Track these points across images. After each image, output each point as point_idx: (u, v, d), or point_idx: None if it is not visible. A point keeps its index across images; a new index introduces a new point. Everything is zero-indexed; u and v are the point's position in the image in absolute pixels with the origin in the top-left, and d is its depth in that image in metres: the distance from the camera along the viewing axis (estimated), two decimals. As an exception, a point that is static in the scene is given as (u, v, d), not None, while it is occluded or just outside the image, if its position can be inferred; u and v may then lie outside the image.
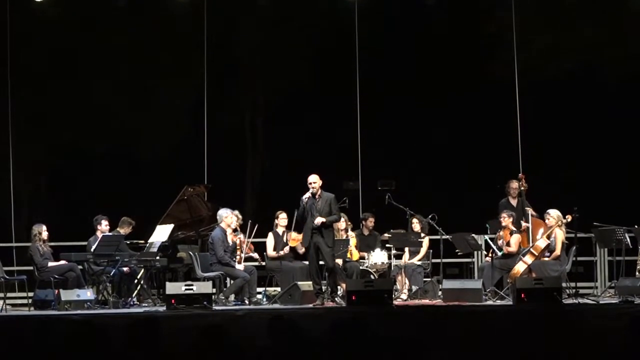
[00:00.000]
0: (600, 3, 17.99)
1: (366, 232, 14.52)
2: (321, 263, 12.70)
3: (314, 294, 12.54)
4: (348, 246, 14.00)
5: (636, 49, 17.76)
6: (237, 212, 13.83)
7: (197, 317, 11.20)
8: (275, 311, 12.08)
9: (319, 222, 12.37)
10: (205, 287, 12.25)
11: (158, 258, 13.39)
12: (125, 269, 13.30)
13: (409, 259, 14.20)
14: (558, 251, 13.20)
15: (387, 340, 5.67)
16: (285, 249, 13.88)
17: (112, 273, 13.06)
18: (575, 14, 18.02)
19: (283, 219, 13.98)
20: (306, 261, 13.13)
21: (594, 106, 18.23)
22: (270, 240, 14.00)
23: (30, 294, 13.06)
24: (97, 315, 11.55)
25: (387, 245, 14.28)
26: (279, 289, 13.70)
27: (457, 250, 14.24)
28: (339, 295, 12.82)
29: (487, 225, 14.45)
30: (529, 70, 17.19)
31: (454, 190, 18.20)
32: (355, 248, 14.16)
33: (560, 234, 13.22)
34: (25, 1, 16.87)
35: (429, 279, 14.13)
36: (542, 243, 13.21)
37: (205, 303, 11.91)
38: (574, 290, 12.96)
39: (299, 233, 13.32)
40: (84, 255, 13.31)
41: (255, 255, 14.03)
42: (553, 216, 13.28)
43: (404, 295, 13.82)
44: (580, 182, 17.65)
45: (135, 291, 13.50)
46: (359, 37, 17.04)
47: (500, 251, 13.49)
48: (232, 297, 13.35)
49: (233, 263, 13.29)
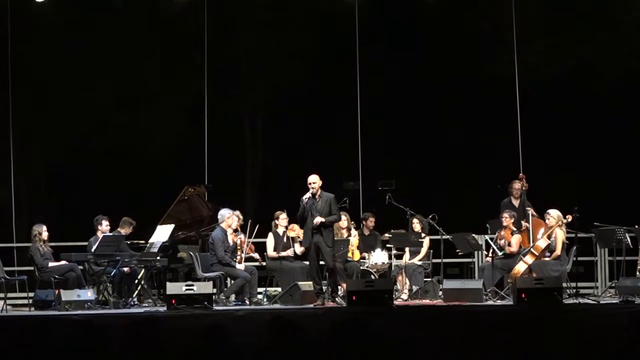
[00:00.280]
0: (600, 3, 18.00)
1: (366, 232, 14.52)
2: (321, 263, 12.70)
3: (314, 294, 12.54)
4: (349, 246, 14.00)
5: (636, 48, 17.76)
6: (238, 213, 13.83)
7: (198, 318, 11.20)
8: (276, 311, 12.07)
9: (318, 222, 12.36)
10: (206, 287, 12.25)
11: (159, 258, 13.40)
12: (125, 269, 13.31)
13: (410, 259, 14.20)
14: (558, 251, 13.20)
15: (388, 341, 5.67)
16: (288, 251, 13.86)
17: (113, 273, 13.07)
18: (575, 14, 18.03)
19: (283, 219, 13.97)
20: (306, 261, 13.13)
21: (594, 106, 18.23)
22: (270, 240, 14.00)
23: (31, 294, 13.06)
24: (98, 316, 11.54)
25: (388, 245, 14.28)
26: (279, 289, 13.70)
27: (458, 250, 14.24)
28: (340, 295, 12.82)
29: (488, 225, 14.45)
30: (529, 70, 17.19)
31: (455, 190, 18.21)
32: (357, 249, 14.16)
33: (560, 234, 13.22)
34: (26, 2, 16.88)
35: (430, 279, 14.13)
36: (543, 243, 13.21)
37: (205, 303, 11.91)
38: (574, 290, 12.97)
39: (300, 228, 13.39)
40: (84, 256, 13.31)
41: (255, 255, 14.03)
42: (553, 216, 13.28)
43: (405, 296, 13.82)
44: (580, 182, 17.65)
45: (136, 291, 13.51)
46: (359, 37, 17.04)
47: (500, 251, 13.49)
48: (233, 297, 13.35)
49: (233, 263, 13.29)
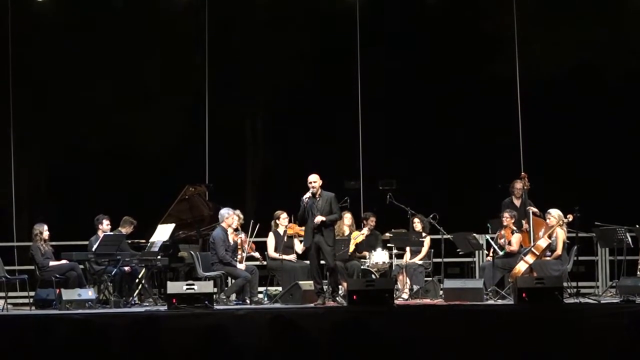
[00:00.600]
0: (600, 2, 17.99)
1: (367, 232, 14.50)
2: (322, 262, 12.70)
3: (315, 294, 12.54)
4: (349, 245, 14.00)
5: (636, 47, 17.75)
6: (239, 212, 13.83)
7: (198, 317, 11.20)
8: (276, 311, 12.08)
9: (319, 221, 12.37)
10: (207, 287, 12.25)
11: (159, 257, 13.41)
12: (126, 268, 13.31)
13: (410, 259, 14.19)
14: (559, 251, 13.20)
15: (388, 340, 5.67)
16: (291, 257, 13.84)
17: (114, 272, 13.08)
18: (576, 13, 18.02)
19: (284, 219, 13.97)
20: (307, 261, 13.14)
21: (595, 105, 18.22)
22: (270, 240, 13.99)
23: (32, 294, 13.07)
24: (98, 315, 11.55)
25: (389, 244, 14.28)
26: (280, 289, 13.71)
27: (458, 250, 14.23)
28: (340, 294, 12.82)
29: (488, 225, 14.45)
30: (529, 69, 17.19)
31: (455, 190, 18.20)
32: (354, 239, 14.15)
33: (561, 234, 13.22)
34: (26, 1, 16.89)
35: (430, 279, 14.13)
36: (544, 242, 13.20)
37: (206, 302, 11.91)
38: (575, 290, 12.96)
39: (299, 226, 13.39)
40: (85, 255, 13.32)
41: (256, 254, 14.03)
42: (554, 216, 13.28)
43: (405, 295, 13.82)
44: (581, 182, 17.64)
45: (137, 291, 13.52)
46: (360, 37, 17.04)
47: (501, 250, 13.49)
48: (233, 297, 13.36)
49: (234, 262, 13.29)
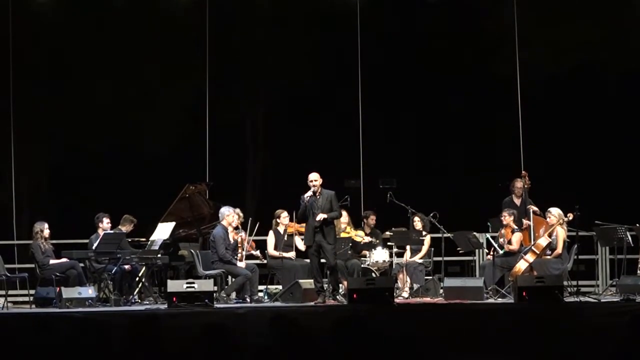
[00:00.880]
0: (601, 1, 17.99)
1: (367, 230, 14.52)
2: (322, 261, 12.70)
3: (315, 292, 12.54)
4: (349, 244, 14.00)
5: (637, 46, 17.74)
6: (239, 210, 13.82)
7: (199, 315, 11.20)
8: (277, 309, 12.09)
9: (321, 219, 12.36)
10: (207, 285, 12.24)
11: (159, 256, 13.40)
12: (126, 266, 13.32)
13: (411, 257, 14.19)
14: (559, 249, 13.20)
15: (389, 339, 5.67)
16: (290, 254, 13.85)
17: (114, 271, 13.08)
18: (576, 12, 18.01)
19: (285, 218, 13.96)
20: (307, 259, 13.14)
21: (595, 104, 18.21)
22: (270, 238, 13.99)
23: (32, 292, 13.07)
24: (99, 313, 11.56)
25: (389, 243, 14.28)
26: (280, 287, 13.71)
27: (459, 249, 14.23)
28: (341, 293, 12.82)
29: (489, 224, 14.44)
30: (530, 68, 17.18)
31: (456, 188, 18.18)
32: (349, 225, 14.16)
33: (561, 232, 13.22)
34: (27, 1, 16.88)
35: (431, 277, 14.14)
36: (544, 241, 13.20)
37: (206, 301, 11.90)
38: (575, 289, 12.97)
39: (298, 223, 13.41)
40: (85, 253, 13.32)
41: (256, 252, 14.03)
42: (554, 214, 13.28)
43: (405, 294, 13.82)
44: (581, 180, 17.63)
45: (137, 289, 13.52)
46: (360, 36, 17.03)
47: (501, 249, 13.49)
48: (234, 295, 13.35)
49: (234, 261, 13.29)
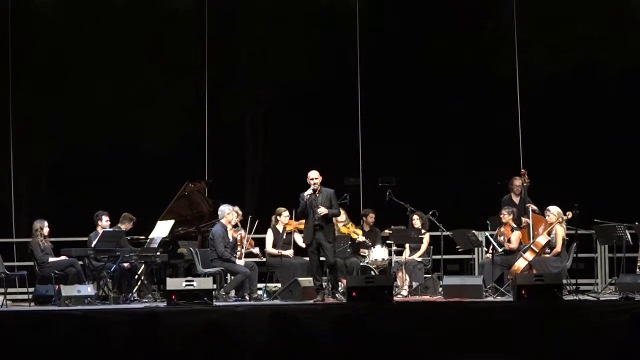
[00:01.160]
0: (601, 1, 17.99)
1: (367, 229, 14.51)
2: (322, 259, 12.70)
3: (314, 290, 12.54)
4: (349, 242, 14.00)
5: (636, 46, 17.74)
6: (238, 209, 13.82)
7: (198, 313, 11.20)
8: (276, 307, 12.08)
9: (323, 213, 12.36)
10: (206, 283, 12.24)
11: (159, 254, 13.41)
12: (126, 264, 13.32)
13: (410, 256, 14.19)
14: (559, 248, 13.20)
15: (388, 337, 5.67)
16: (288, 252, 13.85)
17: (113, 269, 13.08)
18: (576, 12, 18.01)
19: (285, 217, 13.95)
20: (307, 257, 13.14)
21: (595, 103, 18.21)
22: (269, 236, 13.99)
23: (31, 290, 13.07)
24: (98, 311, 11.56)
25: (388, 241, 14.28)
26: (279, 285, 13.71)
27: (458, 247, 14.23)
28: (340, 291, 12.82)
29: (488, 222, 14.43)
30: (529, 67, 17.18)
31: (455, 187, 18.18)
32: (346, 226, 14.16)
33: (561, 231, 13.22)
34: (27, 0, 16.88)
35: (430, 276, 14.13)
36: (543, 240, 13.21)
37: (205, 299, 11.90)
38: (574, 287, 12.97)
39: (296, 221, 13.42)
40: (84, 251, 13.32)
41: (255, 250, 14.03)
42: (554, 213, 13.28)
43: (405, 292, 13.83)
44: (581, 179, 17.63)
45: (136, 287, 13.52)
46: (360, 35, 17.02)
47: (501, 248, 13.49)
48: (233, 293, 13.36)
49: (234, 259, 13.29)
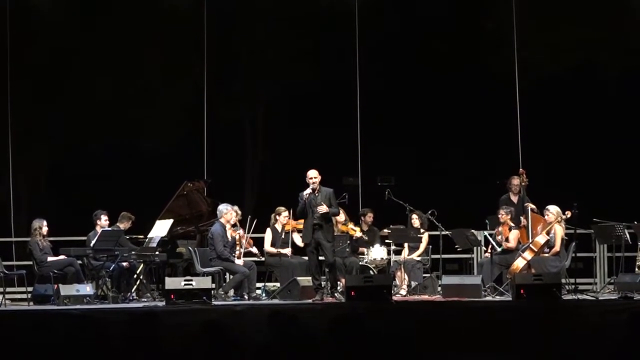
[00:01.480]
0: (600, 1, 17.99)
1: (365, 228, 14.51)
2: (321, 259, 12.70)
3: (313, 290, 12.54)
4: (348, 242, 14.00)
5: (636, 46, 17.75)
6: (237, 208, 13.83)
7: (197, 312, 11.21)
8: (275, 306, 12.08)
9: (323, 210, 12.35)
10: (205, 282, 12.25)
11: (157, 253, 13.41)
12: (124, 263, 13.32)
13: (408, 255, 14.19)
14: (557, 247, 13.20)
15: (386, 336, 5.67)
16: (286, 250, 13.85)
17: (112, 268, 13.08)
18: (575, 12, 18.02)
19: (285, 217, 13.95)
20: (305, 256, 13.14)
21: (594, 103, 18.23)
22: (268, 235, 13.99)
23: (30, 289, 13.07)
24: (97, 310, 11.56)
25: (387, 240, 14.28)
26: (278, 285, 13.71)
27: (457, 246, 14.23)
28: (339, 290, 12.82)
29: (487, 221, 14.44)
30: (529, 67, 17.18)
31: (454, 186, 18.19)
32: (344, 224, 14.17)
33: (559, 230, 13.22)
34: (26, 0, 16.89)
35: (429, 275, 14.13)
36: (542, 239, 13.21)
37: (204, 298, 11.91)
38: (573, 286, 12.97)
39: (295, 220, 13.43)
40: (83, 250, 13.33)
41: (254, 249, 14.03)
42: (552, 212, 13.28)
43: (403, 291, 13.83)
44: (579, 179, 17.64)
45: (135, 286, 13.52)
46: (359, 34, 17.02)
47: (499, 247, 13.50)
48: (232, 292, 13.36)
49: (232, 258, 13.29)
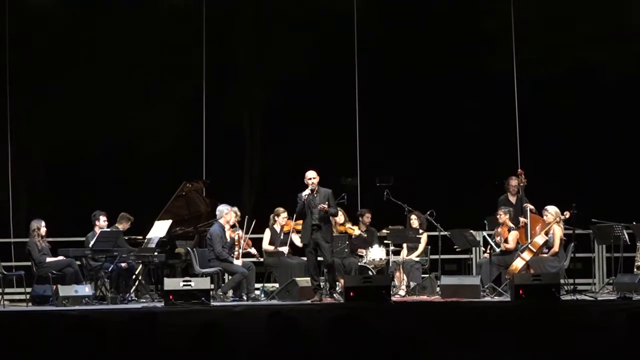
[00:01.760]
0: (600, 1, 17.99)
1: (363, 228, 14.50)
2: (320, 259, 12.69)
3: (311, 290, 12.54)
4: (346, 242, 14.00)
5: (635, 46, 17.76)
6: (236, 209, 13.83)
7: (195, 313, 11.21)
8: (273, 307, 12.08)
9: (322, 208, 12.35)
10: (203, 283, 12.25)
11: (156, 254, 13.40)
12: (123, 264, 13.31)
13: (407, 255, 14.19)
14: (556, 247, 13.20)
15: (385, 337, 5.67)
16: (284, 248, 13.85)
17: (110, 269, 13.07)
18: (574, 11, 18.02)
19: (284, 218, 13.95)
20: (304, 257, 13.13)
21: (593, 103, 18.23)
22: (266, 234, 14.01)
23: (28, 290, 13.07)
24: (95, 311, 11.55)
25: (386, 241, 14.27)
26: (277, 285, 13.71)
27: (456, 247, 14.23)
28: (337, 291, 12.82)
29: (486, 222, 14.45)
30: (527, 67, 17.19)
31: (453, 187, 18.20)
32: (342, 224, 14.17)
33: (558, 231, 13.22)
34: (25, 0, 16.89)
35: (427, 275, 14.13)
36: (540, 239, 13.21)
37: (203, 299, 11.90)
38: (572, 287, 12.97)
39: (294, 220, 13.43)
40: (82, 251, 13.32)
41: (252, 250, 14.03)
42: (551, 212, 13.28)
43: (402, 292, 13.82)
44: (578, 179, 17.65)
45: (133, 287, 13.52)
46: (358, 35, 17.03)
47: (498, 247, 13.49)
48: (230, 293, 13.36)
49: (231, 259, 13.29)
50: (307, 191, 12.50)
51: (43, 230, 13.21)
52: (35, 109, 18.19)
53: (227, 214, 13.43)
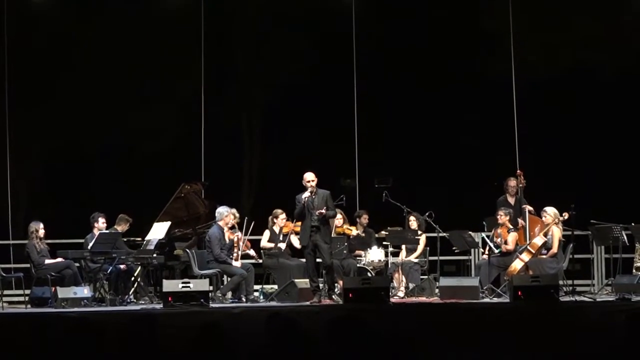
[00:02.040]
0: (599, 2, 17.99)
1: (361, 230, 14.49)
2: (318, 261, 12.70)
3: (311, 292, 12.54)
4: (345, 244, 14.00)
5: (634, 46, 17.75)
6: (235, 211, 13.83)
7: (194, 315, 11.20)
8: (272, 309, 12.08)
9: (320, 213, 12.35)
10: (202, 285, 12.24)
11: (155, 255, 13.39)
12: (122, 266, 13.30)
13: (406, 257, 14.18)
14: (555, 249, 13.20)
15: (384, 338, 5.66)
16: (281, 244, 13.85)
17: (109, 270, 13.06)
18: (573, 11, 18.02)
19: (282, 220, 13.95)
20: (303, 259, 13.14)
21: (592, 103, 18.22)
22: (266, 235, 14.03)
23: (27, 292, 13.06)
24: (94, 313, 11.55)
25: (384, 242, 14.27)
26: (275, 287, 13.71)
27: (454, 248, 14.22)
28: (336, 292, 12.82)
29: (484, 223, 14.43)
30: (526, 67, 17.19)
31: (451, 188, 18.19)
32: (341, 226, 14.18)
33: (557, 232, 13.21)
34: (24, 0, 16.87)
35: (426, 277, 14.13)
36: (539, 240, 13.20)
37: (202, 300, 11.90)
38: (570, 288, 12.97)
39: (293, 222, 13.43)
40: (80, 253, 13.32)
41: (251, 252, 14.03)
42: (550, 214, 13.27)
43: (401, 293, 13.82)
44: (577, 180, 17.65)
45: (132, 289, 13.50)
46: (357, 36, 17.02)
47: (497, 249, 13.49)
48: (229, 295, 13.35)
49: (230, 260, 13.29)
50: (307, 193, 12.50)
51: (42, 232, 13.21)
52: (34, 110, 18.16)
53: (227, 216, 13.43)
